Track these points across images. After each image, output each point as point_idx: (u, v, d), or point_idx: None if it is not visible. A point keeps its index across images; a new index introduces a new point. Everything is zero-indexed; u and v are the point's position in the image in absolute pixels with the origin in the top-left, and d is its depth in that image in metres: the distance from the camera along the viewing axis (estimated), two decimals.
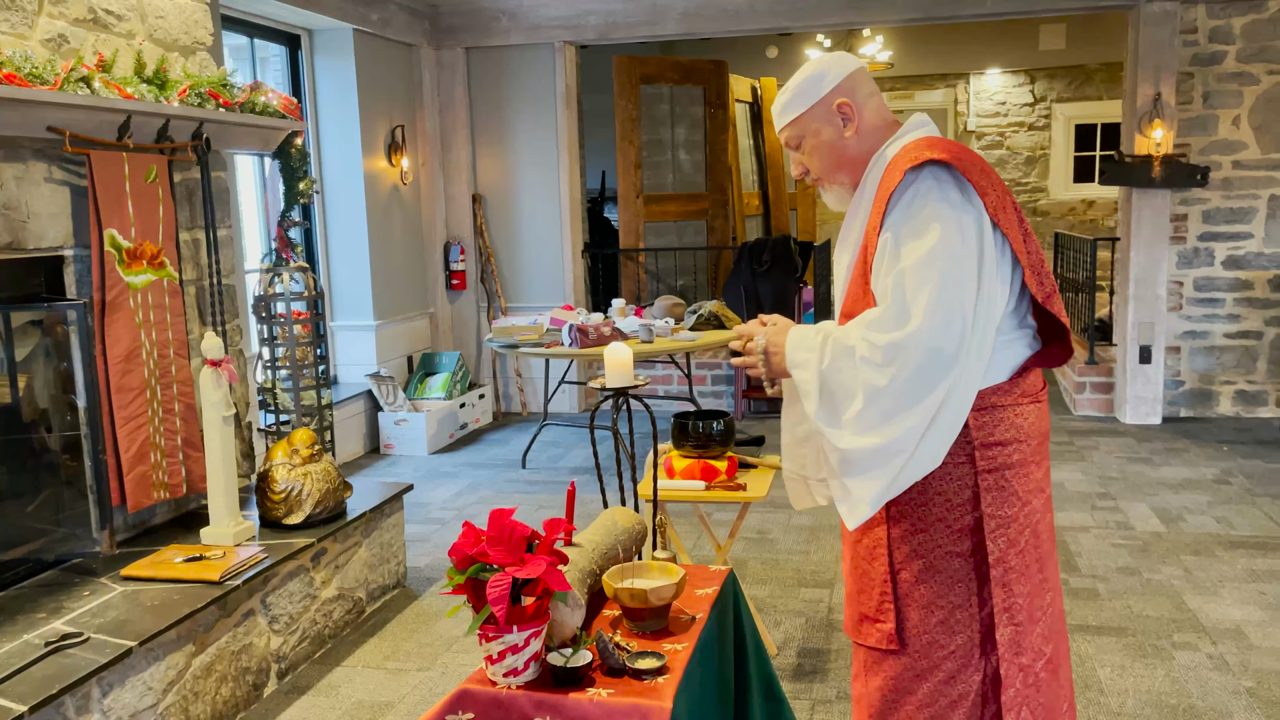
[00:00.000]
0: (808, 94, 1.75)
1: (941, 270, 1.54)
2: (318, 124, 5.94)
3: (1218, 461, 5.29)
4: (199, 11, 3.70)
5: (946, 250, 1.55)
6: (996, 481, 1.65)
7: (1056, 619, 1.74)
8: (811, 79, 1.75)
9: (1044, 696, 1.68)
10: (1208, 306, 6.14)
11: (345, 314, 6.12)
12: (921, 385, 1.54)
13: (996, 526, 1.64)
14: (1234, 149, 5.99)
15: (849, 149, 1.76)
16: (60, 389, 3.08)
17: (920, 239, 1.57)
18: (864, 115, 1.75)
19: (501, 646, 1.84)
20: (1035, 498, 1.69)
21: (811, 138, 1.77)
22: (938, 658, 1.67)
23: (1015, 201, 1.68)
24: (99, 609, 2.74)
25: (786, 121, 1.78)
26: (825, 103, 1.74)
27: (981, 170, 1.63)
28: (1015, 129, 11.16)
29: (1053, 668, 1.70)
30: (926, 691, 1.67)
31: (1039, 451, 1.71)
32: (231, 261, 3.82)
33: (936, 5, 6.13)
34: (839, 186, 1.80)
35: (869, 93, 1.77)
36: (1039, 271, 1.67)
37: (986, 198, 1.60)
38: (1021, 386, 1.68)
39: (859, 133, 1.75)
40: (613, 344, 2.61)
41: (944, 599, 1.66)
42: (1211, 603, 3.57)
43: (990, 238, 1.59)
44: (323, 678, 3.22)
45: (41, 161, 2.95)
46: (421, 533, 4.57)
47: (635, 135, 7.30)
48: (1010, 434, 1.66)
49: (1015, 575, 1.65)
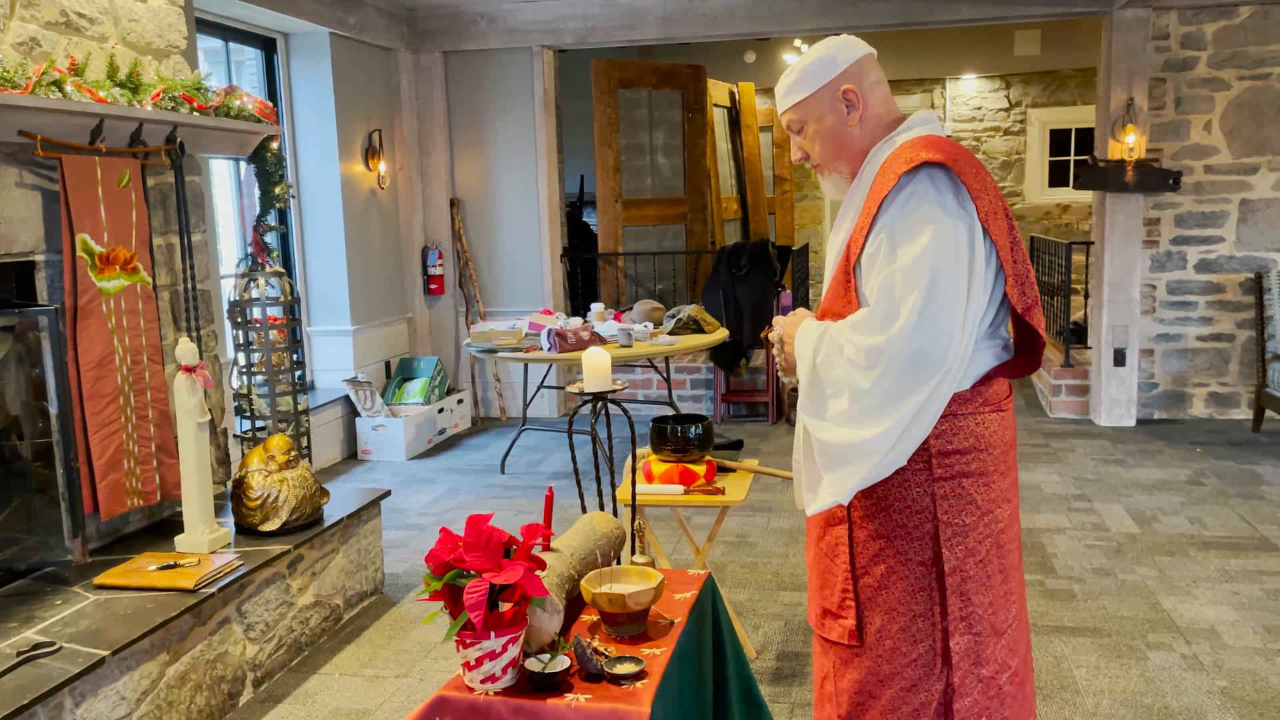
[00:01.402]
0: (815, 77, 1.70)
1: (930, 274, 1.53)
2: (294, 128, 5.91)
3: (1191, 463, 5.34)
4: (173, 15, 3.67)
5: (938, 254, 1.54)
6: (953, 489, 1.63)
7: (1022, 631, 1.73)
8: (819, 61, 1.71)
9: (1008, 710, 1.66)
10: (1181, 309, 6.21)
11: (322, 319, 6.08)
12: (904, 388, 1.53)
13: (953, 535, 1.63)
14: (1206, 154, 6.07)
15: (851, 137, 1.72)
16: (31, 396, 3.04)
17: (912, 242, 1.55)
18: (869, 104, 1.71)
19: (479, 653, 1.84)
20: (998, 507, 1.67)
21: (815, 123, 1.73)
22: (900, 664, 1.66)
23: (1007, 208, 1.66)
24: (71, 618, 2.70)
25: (790, 104, 1.74)
26: (831, 87, 1.70)
27: (976, 174, 1.62)
28: (991, 134, 11.25)
29: (1018, 680, 1.69)
30: (889, 698, 1.67)
31: (1003, 461, 1.69)
32: (206, 266, 3.79)
33: (912, 11, 6.17)
34: (838, 174, 1.76)
35: (875, 80, 1.72)
36: (1023, 282, 1.65)
37: (979, 202, 1.58)
38: (984, 395, 1.66)
39: (863, 121, 1.71)
40: (590, 349, 2.61)
41: (906, 606, 1.65)
42: (1185, 603, 3.60)
43: (980, 244, 1.58)
44: (299, 686, 3.19)
45: (13, 166, 2.91)
46: (400, 539, 4.55)
47: (614, 139, 7.31)
48: (969, 442, 1.64)
49: (975, 585, 1.64)
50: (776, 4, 6.29)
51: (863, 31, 7.83)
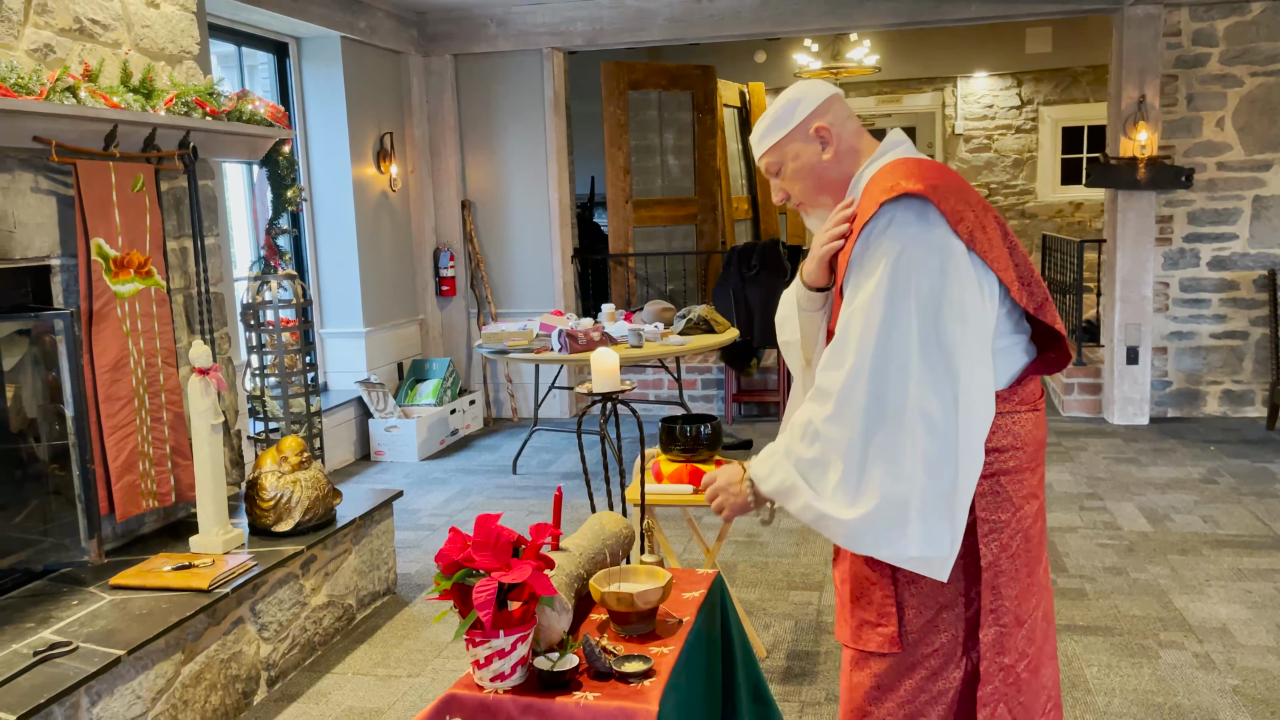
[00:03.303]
0: (785, 120, 1.78)
1: (883, 311, 1.56)
2: (306, 131, 5.95)
3: (1204, 461, 5.32)
4: (185, 20, 3.71)
5: (896, 290, 1.56)
6: (991, 487, 1.66)
7: (1044, 620, 1.76)
8: (789, 105, 1.78)
9: (1024, 696, 1.70)
10: (1194, 307, 6.18)
11: (335, 321, 6.12)
12: (874, 423, 1.56)
13: (989, 531, 1.66)
14: (1218, 150, 6.04)
15: (829, 172, 1.77)
16: (48, 398, 3.07)
17: (872, 277, 1.58)
18: (842, 138, 1.77)
19: (488, 651, 1.85)
20: (1028, 503, 1.71)
21: (791, 162, 1.79)
22: (923, 654, 1.69)
23: (998, 215, 1.68)
24: (87, 618, 2.74)
25: (766, 148, 1.81)
26: (803, 127, 1.77)
27: (958, 193, 1.63)
28: (1003, 132, 11.22)
29: (1034, 667, 1.72)
30: (910, 687, 1.69)
31: (1035, 458, 1.72)
32: (220, 269, 3.82)
33: (921, 9, 6.16)
34: (821, 209, 1.81)
35: (846, 116, 1.79)
36: (1028, 281, 1.67)
37: (962, 222, 1.60)
38: (1020, 394, 1.69)
39: (838, 155, 1.77)
40: (599, 349, 2.62)
41: (933, 600, 1.68)
42: (1198, 602, 3.59)
43: (965, 269, 1.58)
44: (313, 685, 3.22)
45: (28, 171, 2.95)
46: (412, 539, 4.57)
47: (624, 141, 7.32)
48: (1008, 441, 1.67)
49: (1005, 579, 1.67)
50: (784, 4, 6.29)
51: (871, 30, 7.83)
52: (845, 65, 9.71)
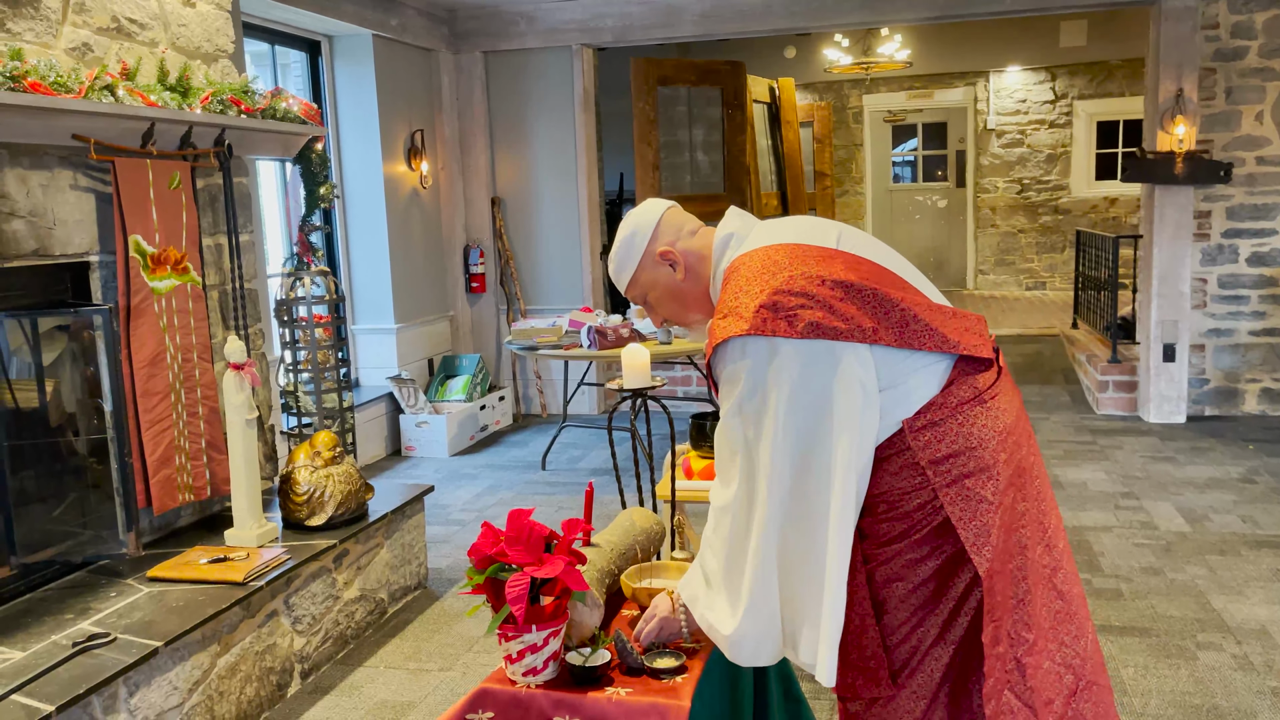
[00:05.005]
0: (630, 254, 1.83)
1: (729, 432, 1.65)
2: (338, 129, 5.99)
3: (1243, 460, 5.23)
4: (220, 19, 3.74)
5: (739, 413, 1.63)
6: (959, 494, 1.59)
7: (1058, 600, 1.67)
8: (626, 241, 1.83)
9: (1031, 681, 1.63)
10: (1232, 304, 6.08)
11: (366, 317, 6.16)
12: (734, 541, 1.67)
13: (975, 536, 1.59)
14: (1258, 145, 5.93)
15: (687, 290, 1.83)
16: (86, 393, 3.12)
17: (724, 401, 1.67)
18: (687, 253, 1.81)
19: (520, 646, 1.86)
20: (1007, 495, 1.62)
21: (652, 290, 1.85)
22: (911, 645, 1.68)
23: (856, 261, 1.65)
24: (125, 610, 2.77)
25: (624, 284, 1.86)
26: (649, 255, 1.82)
27: (790, 272, 1.61)
28: (1036, 126, 11.09)
29: (1037, 651, 1.64)
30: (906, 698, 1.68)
31: (1002, 449, 1.63)
32: (254, 266, 3.86)
33: (953, 3, 6.10)
34: (696, 321, 1.88)
35: (688, 231, 1.83)
36: (902, 326, 1.61)
37: (798, 318, 1.57)
38: (957, 395, 1.62)
39: (688, 270, 1.81)
40: (630, 345, 2.62)
41: (919, 595, 1.65)
42: (1236, 602, 3.53)
43: (813, 375, 1.58)
44: (345, 678, 3.24)
45: (67, 169, 2.99)
46: (442, 534, 4.60)
47: (653, 137, 7.32)
48: (960, 444, 1.60)
49: (999, 580, 1.62)
50: None
51: (903, 24, 7.75)
52: (876, 60, 9.64)
